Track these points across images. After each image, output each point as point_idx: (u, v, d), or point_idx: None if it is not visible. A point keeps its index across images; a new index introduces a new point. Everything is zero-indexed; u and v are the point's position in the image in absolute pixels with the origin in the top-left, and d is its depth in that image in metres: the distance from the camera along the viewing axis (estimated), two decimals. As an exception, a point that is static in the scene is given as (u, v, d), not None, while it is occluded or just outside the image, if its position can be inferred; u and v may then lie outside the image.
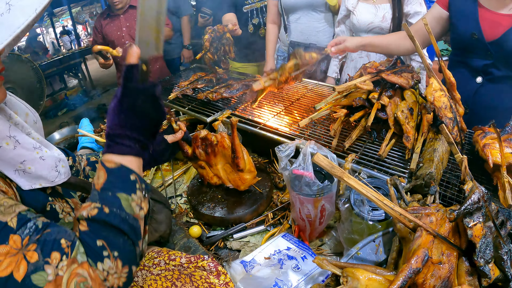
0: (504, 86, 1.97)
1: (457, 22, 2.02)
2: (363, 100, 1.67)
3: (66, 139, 3.82)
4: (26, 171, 0.94)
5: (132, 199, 0.91)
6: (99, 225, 0.88)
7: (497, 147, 1.47)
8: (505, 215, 1.14)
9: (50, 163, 1.00)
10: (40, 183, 0.98)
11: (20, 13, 0.80)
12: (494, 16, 1.87)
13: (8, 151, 0.90)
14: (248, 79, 2.45)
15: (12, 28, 0.79)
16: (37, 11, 0.81)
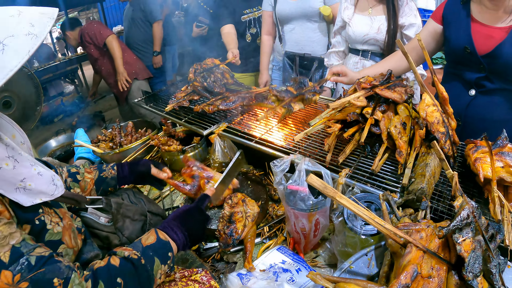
0: (496, 99, 2.00)
1: (450, 36, 2.06)
2: (357, 115, 1.71)
3: (63, 147, 3.83)
4: (27, 188, 0.98)
5: (161, 268, 1.14)
6: (129, 267, 1.07)
7: (488, 161, 1.49)
8: (495, 229, 1.17)
9: (47, 178, 1.06)
10: (40, 197, 1.03)
11: (14, 54, 0.84)
12: (487, 30, 1.90)
13: (8, 171, 0.94)
14: (244, 91, 2.49)
15: (5, 71, 0.82)
16: (30, 53, 0.85)
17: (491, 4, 1.87)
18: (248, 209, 1.65)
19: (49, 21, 0.93)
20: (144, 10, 4.65)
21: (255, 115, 2.34)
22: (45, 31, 0.90)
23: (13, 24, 0.87)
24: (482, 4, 1.91)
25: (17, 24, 0.87)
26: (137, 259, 1.08)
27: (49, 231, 1.06)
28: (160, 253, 1.14)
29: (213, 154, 2.00)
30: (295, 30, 3.20)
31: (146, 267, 1.08)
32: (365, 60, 2.71)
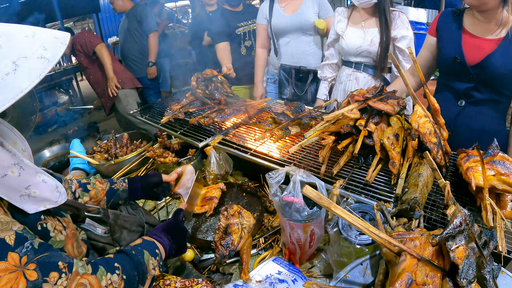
0: (485, 109, 2.05)
1: (442, 47, 2.11)
2: (350, 127, 1.74)
3: (56, 157, 3.82)
4: (31, 195, 1.01)
5: (151, 258, 1.20)
6: (123, 256, 1.14)
7: (480, 170, 1.52)
8: (488, 236, 1.19)
9: (51, 185, 1.08)
10: (44, 205, 1.05)
11: (26, 76, 0.85)
12: (477, 41, 1.95)
13: (13, 179, 0.96)
14: (239, 103, 2.52)
15: (15, 91, 0.84)
16: (41, 77, 0.86)
17: (482, 17, 1.92)
18: (244, 221, 1.67)
19: (61, 47, 0.95)
20: (141, 22, 4.72)
21: (250, 128, 2.36)
22: (57, 57, 0.92)
23: (27, 46, 0.89)
24: (474, 17, 1.97)
25: (31, 46, 0.89)
26: (128, 250, 1.16)
27: (51, 238, 1.08)
28: (148, 248, 1.22)
29: (209, 166, 2.01)
30: (290, 44, 3.25)
31: (137, 256, 1.16)
32: (358, 72, 2.75)
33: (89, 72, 4.56)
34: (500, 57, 1.88)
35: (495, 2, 1.82)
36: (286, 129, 2.06)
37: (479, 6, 1.86)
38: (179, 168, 1.82)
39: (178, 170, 1.82)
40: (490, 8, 1.85)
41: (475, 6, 1.89)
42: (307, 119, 2.14)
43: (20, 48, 0.88)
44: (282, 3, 3.22)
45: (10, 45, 0.87)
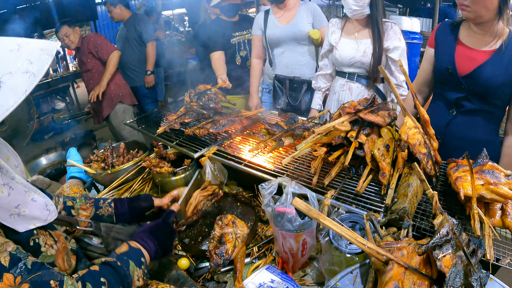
0: (475, 119, 2.08)
1: (437, 57, 2.16)
2: (342, 138, 1.78)
3: (53, 165, 3.83)
4: (21, 214, 1.02)
5: (136, 269, 1.20)
6: (108, 269, 1.11)
7: (468, 180, 1.54)
8: (476, 244, 1.21)
9: (41, 204, 1.09)
10: (34, 223, 1.06)
11: (11, 93, 0.84)
12: (471, 53, 1.99)
13: (3, 198, 0.97)
14: (234, 114, 2.56)
15: (1, 110, 0.83)
16: (27, 93, 0.85)
17: (478, 29, 1.96)
18: (238, 230, 1.70)
19: (48, 59, 0.93)
20: (139, 31, 4.79)
21: (245, 139, 2.40)
22: (43, 70, 0.91)
23: (12, 60, 0.87)
24: (470, 29, 2.01)
25: (15, 61, 0.87)
26: (113, 261, 1.15)
27: (42, 253, 1.10)
28: (134, 258, 1.21)
29: (204, 177, 2.05)
30: (285, 54, 3.29)
31: (122, 267, 1.15)
32: (352, 83, 2.79)
33: (90, 76, 4.53)
34: (491, 68, 1.92)
35: (491, 15, 1.86)
36: (280, 140, 2.11)
37: (475, 19, 1.91)
38: (175, 190, 1.83)
39: (174, 193, 1.82)
40: (486, 21, 1.90)
41: (471, 19, 1.93)
42: (300, 130, 2.18)
43: (4, 63, 0.86)
44: (276, 14, 3.27)
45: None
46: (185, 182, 2.27)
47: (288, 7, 3.24)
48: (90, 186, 2.54)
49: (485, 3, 1.82)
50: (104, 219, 1.59)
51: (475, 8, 1.85)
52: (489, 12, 1.85)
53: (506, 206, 1.50)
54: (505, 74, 1.91)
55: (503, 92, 1.97)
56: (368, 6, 2.53)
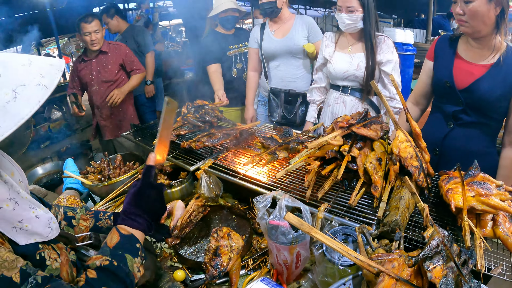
0: (473, 131, 2.12)
1: (436, 70, 2.21)
2: (335, 152, 1.81)
3: (49, 175, 3.83)
4: (23, 229, 1.04)
5: (135, 261, 1.16)
6: (107, 274, 1.09)
7: (460, 191, 1.57)
8: (467, 254, 1.24)
9: (44, 221, 1.11)
10: (35, 238, 1.08)
11: (26, 103, 0.89)
12: (469, 66, 2.04)
13: (7, 212, 0.99)
14: (229, 127, 2.60)
15: (17, 118, 0.87)
16: (40, 103, 0.90)
17: (476, 43, 2.01)
18: (233, 243, 1.73)
19: (57, 73, 0.99)
20: (138, 42, 4.82)
21: (240, 152, 2.43)
22: (54, 83, 0.96)
23: (25, 73, 0.92)
24: (469, 43, 2.05)
25: (28, 74, 0.92)
26: (109, 264, 1.10)
27: (48, 267, 1.11)
28: (129, 249, 1.16)
29: (199, 189, 2.07)
30: (280, 67, 3.34)
31: (120, 266, 1.12)
32: (345, 96, 2.83)
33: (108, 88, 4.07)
34: (488, 82, 1.96)
35: (489, 30, 1.91)
36: (274, 153, 2.14)
37: (473, 33, 1.95)
38: (168, 205, 1.85)
39: (168, 207, 1.83)
40: (484, 36, 1.95)
41: (469, 34, 1.98)
42: (294, 143, 2.22)
43: (18, 76, 0.90)
44: (272, 27, 3.32)
45: (8, 73, 0.89)
46: (181, 194, 2.30)
47: (283, 21, 3.29)
48: (87, 197, 2.56)
49: (483, 19, 1.87)
50: (103, 231, 1.60)
51: (473, 23, 1.90)
52: (487, 27, 1.90)
53: (497, 216, 1.52)
54: (502, 87, 1.95)
55: (500, 105, 2.01)
56: (361, 20, 2.58)
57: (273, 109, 3.40)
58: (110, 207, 2.35)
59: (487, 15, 1.85)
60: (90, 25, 3.69)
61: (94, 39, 3.73)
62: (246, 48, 3.70)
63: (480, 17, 1.86)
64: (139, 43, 4.87)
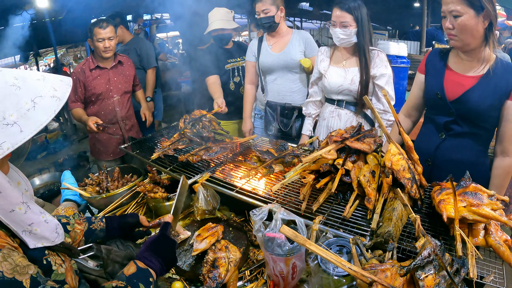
0: (464, 142, 2.15)
1: (427, 83, 2.26)
2: (329, 166, 1.85)
3: (46, 185, 3.85)
4: (32, 232, 1.10)
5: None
6: None
7: (451, 202, 1.60)
8: (459, 263, 1.28)
9: (52, 226, 1.17)
10: (42, 242, 1.13)
11: (44, 112, 1.00)
12: (459, 78, 2.09)
13: (19, 215, 1.06)
14: (227, 140, 2.64)
15: (37, 124, 0.98)
16: (55, 112, 1.02)
17: (466, 56, 2.06)
18: (231, 255, 1.76)
19: (68, 88, 1.10)
20: (140, 55, 4.72)
21: (237, 165, 2.47)
22: (65, 96, 1.07)
23: (40, 87, 1.03)
24: (459, 56, 2.11)
25: (43, 87, 1.04)
26: (124, 286, 1.19)
27: (54, 271, 1.16)
28: (143, 279, 1.25)
29: (197, 202, 2.10)
30: (277, 81, 3.38)
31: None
32: (340, 109, 2.88)
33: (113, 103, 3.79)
34: (478, 93, 2.01)
35: (478, 42, 1.97)
36: (270, 167, 2.19)
37: (463, 47, 2.01)
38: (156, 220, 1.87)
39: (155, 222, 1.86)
40: (473, 48, 2.00)
41: (459, 47, 2.03)
42: (290, 157, 2.26)
43: (35, 89, 1.02)
44: (270, 41, 3.37)
45: (27, 86, 1.01)
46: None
47: (281, 35, 3.35)
48: (85, 209, 2.57)
49: (472, 32, 1.92)
50: (96, 233, 1.66)
51: (462, 37, 1.95)
52: (476, 40, 1.96)
53: (489, 226, 1.56)
54: (492, 97, 1.99)
55: (490, 115, 2.05)
56: (355, 35, 2.63)
57: (269, 122, 3.43)
58: (108, 220, 2.38)
59: (476, 28, 1.91)
60: (105, 31, 3.44)
61: (108, 46, 3.49)
62: (244, 62, 3.74)
63: (469, 31, 1.92)
64: (142, 56, 4.75)
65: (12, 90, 0.97)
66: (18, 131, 0.95)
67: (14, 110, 0.95)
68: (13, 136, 0.94)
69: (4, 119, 0.94)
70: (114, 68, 3.73)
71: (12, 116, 0.95)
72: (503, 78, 1.99)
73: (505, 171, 2.12)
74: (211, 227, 1.92)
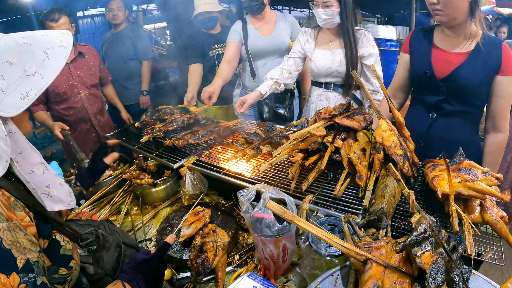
0: (456, 120, 2.13)
1: (413, 63, 2.21)
2: (318, 144, 1.80)
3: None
4: (50, 194, 1.15)
5: None
6: None
7: (445, 178, 1.58)
8: (456, 240, 1.22)
9: (66, 189, 1.24)
10: (59, 206, 1.18)
11: (57, 59, 1.09)
12: (446, 56, 2.05)
13: (38, 176, 1.12)
14: (213, 125, 2.59)
15: (53, 70, 1.07)
16: (66, 58, 1.11)
17: (451, 32, 2.02)
18: (219, 239, 1.70)
19: (70, 38, 1.17)
20: (136, 45, 4.45)
21: (224, 148, 2.42)
22: (70, 43, 1.15)
23: (48, 40, 1.11)
24: (444, 33, 2.06)
25: (50, 40, 1.11)
26: None
27: (62, 246, 1.19)
28: None
29: (184, 187, 2.05)
30: (267, 65, 3.32)
31: None
32: (329, 92, 2.83)
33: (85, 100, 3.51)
34: (468, 70, 1.97)
35: (463, 17, 1.93)
36: (258, 148, 2.12)
37: (449, 22, 1.96)
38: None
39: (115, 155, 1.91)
40: (459, 23, 1.96)
41: (444, 23, 1.99)
42: (278, 138, 2.20)
43: (43, 42, 1.09)
44: (255, 24, 3.30)
45: (36, 41, 1.08)
46: (166, 193, 2.29)
47: (266, 19, 3.28)
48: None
49: (456, 6, 1.88)
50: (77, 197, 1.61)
51: (448, 11, 1.91)
52: (462, 14, 1.91)
53: (485, 202, 1.53)
54: (482, 74, 1.96)
55: (481, 91, 2.02)
56: (338, 15, 2.56)
57: (262, 108, 3.34)
58: (94, 208, 2.32)
59: (461, 1, 1.87)
60: (57, 24, 3.10)
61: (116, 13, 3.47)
62: None
63: (454, 4, 1.87)
64: (137, 46, 4.44)
65: (25, 47, 1.05)
66: (40, 78, 1.04)
67: (32, 62, 1.04)
68: (37, 83, 1.03)
69: (25, 71, 1.03)
70: (74, 61, 3.41)
71: (32, 68, 1.04)
72: (491, 53, 1.96)
73: (498, 147, 2.10)
74: (198, 211, 1.86)
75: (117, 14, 4.26)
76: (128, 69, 4.49)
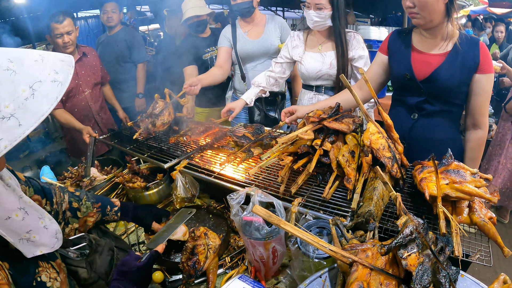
0: (437, 120, 2.17)
1: (393, 65, 2.24)
2: (307, 147, 1.82)
3: (27, 183, 3.74)
4: (30, 240, 1.03)
5: None
6: None
7: (433, 180, 1.59)
8: (444, 242, 1.24)
9: (51, 232, 1.11)
10: (41, 250, 1.07)
11: (44, 100, 0.85)
12: (425, 57, 2.08)
13: (16, 222, 0.99)
14: (207, 123, 2.65)
15: (37, 115, 0.83)
16: (58, 99, 0.87)
17: (429, 34, 2.05)
18: (210, 242, 1.73)
19: (70, 69, 0.94)
20: (131, 48, 4.49)
21: (215, 152, 2.44)
22: (68, 79, 0.92)
23: (39, 70, 0.88)
24: (422, 34, 2.10)
25: (42, 70, 0.88)
26: None
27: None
28: None
29: (176, 190, 2.07)
30: (257, 68, 3.35)
31: None
32: (320, 95, 2.84)
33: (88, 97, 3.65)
34: (447, 70, 2.01)
35: (440, 18, 1.96)
36: (249, 151, 2.15)
37: (426, 24, 1.99)
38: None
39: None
40: (436, 25, 1.99)
41: (422, 25, 2.02)
42: (267, 139, 2.23)
43: (33, 73, 0.86)
44: (244, 28, 3.31)
45: (23, 70, 0.85)
46: (158, 196, 2.30)
47: (255, 22, 3.30)
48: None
49: (433, 8, 1.91)
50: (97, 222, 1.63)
51: (424, 14, 1.94)
52: (438, 16, 1.95)
53: (473, 203, 1.55)
54: (461, 73, 2.00)
55: (461, 91, 2.06)
56: (329, 18, 2.56)
57: (254, 111, 3.36)
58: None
59: (437, 4, 1.90)
60: (62, 25, 3.19)
61: (68, 41, 3.27)
62: None
63: (430, 7, 1.90)
64: (132, 49, 4.49)
65: (7, 76, 0.81)
66: (16, 124, 0.79)
67: (10, 100, 0.80)
68: (11, 131, 0.79)
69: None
70: (80, 61, 3.52)
71: (8, 108, 0.79)
72: (469, 53, 2.00)
73: (478, 143, 2.15)
74: None
75: (112, 17, 4.32)
76: (123, 72, 4.54)
